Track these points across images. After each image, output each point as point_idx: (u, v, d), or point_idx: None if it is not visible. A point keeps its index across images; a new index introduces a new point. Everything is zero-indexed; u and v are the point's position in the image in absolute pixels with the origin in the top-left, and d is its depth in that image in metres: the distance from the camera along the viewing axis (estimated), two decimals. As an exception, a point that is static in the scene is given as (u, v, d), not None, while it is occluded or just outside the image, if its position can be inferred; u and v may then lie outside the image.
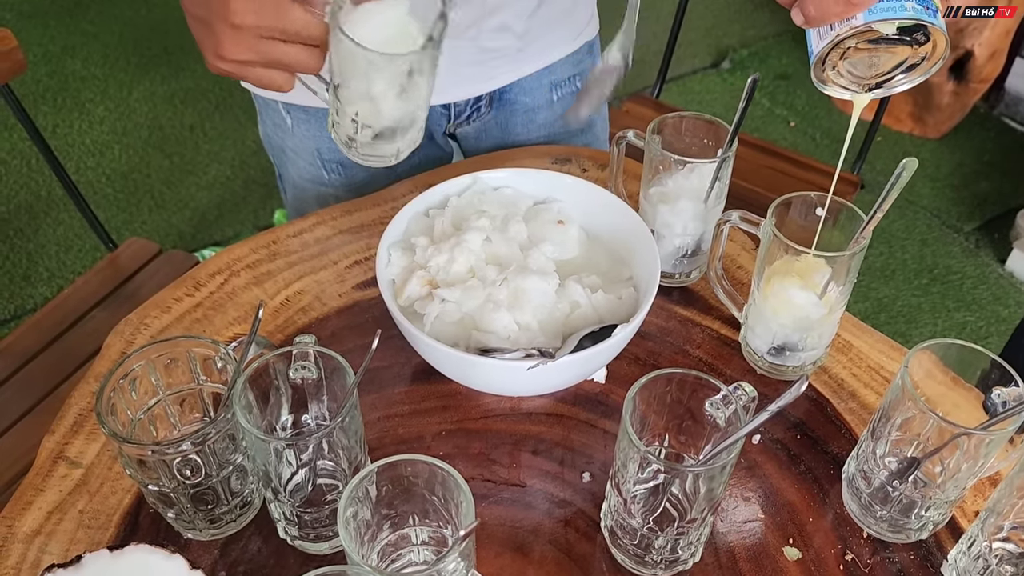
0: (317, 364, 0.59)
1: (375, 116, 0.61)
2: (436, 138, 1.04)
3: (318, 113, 0.95)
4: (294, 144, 0.99)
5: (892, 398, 0.59)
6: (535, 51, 0.97)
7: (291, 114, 0.97)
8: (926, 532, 0.62)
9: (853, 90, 0.59)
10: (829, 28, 0.54)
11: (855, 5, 0.52)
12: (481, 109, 1.00)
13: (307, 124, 0.97)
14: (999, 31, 2.30)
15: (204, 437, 0.56)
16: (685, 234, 0.79)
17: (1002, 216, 2.26)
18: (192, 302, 0.79)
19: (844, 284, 0.68)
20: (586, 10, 1.01)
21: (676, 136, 0.79)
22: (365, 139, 0.64)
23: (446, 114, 1.00)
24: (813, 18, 0.54)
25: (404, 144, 0.66)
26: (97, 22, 2.91)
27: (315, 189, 1.02)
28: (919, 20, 0.52)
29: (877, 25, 0.53)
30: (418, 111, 0.64)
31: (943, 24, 0.53)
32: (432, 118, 1.01)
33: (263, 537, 0.63)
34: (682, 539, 0.58)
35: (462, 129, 1.03)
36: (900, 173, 0.61)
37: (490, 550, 0.62)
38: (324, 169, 1.00)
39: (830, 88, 0.59)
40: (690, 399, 0.58)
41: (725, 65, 2.87)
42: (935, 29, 0.53)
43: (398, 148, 0.65)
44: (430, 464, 0.51)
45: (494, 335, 0.68)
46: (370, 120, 0.62)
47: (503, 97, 1.00)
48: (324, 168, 1.00)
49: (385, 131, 0.63)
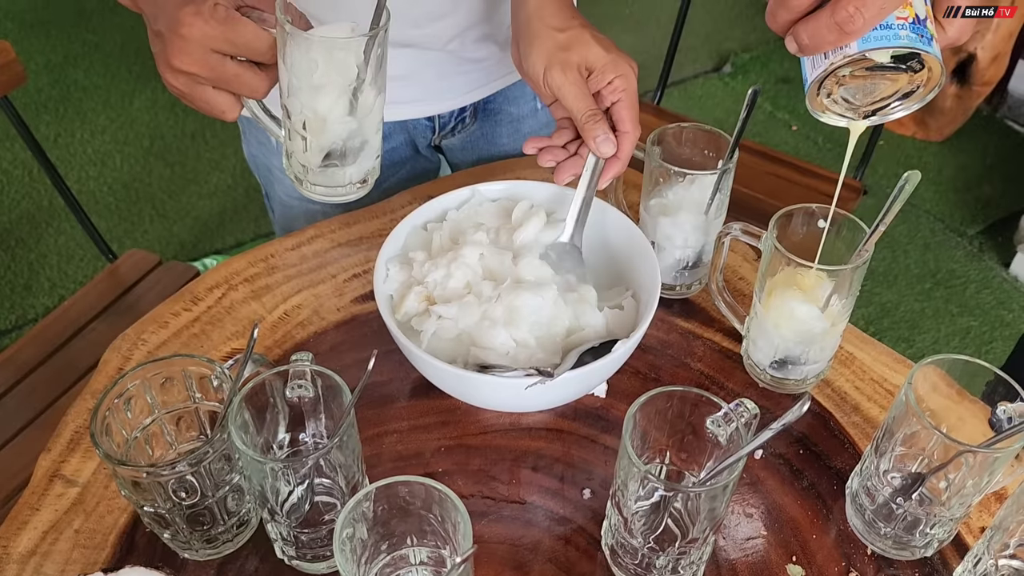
0: (314, 382, 0.59)
1: (321, 130, 0.61)
2: (422, 150, 1.03)
3: None
4: (280, 162, 0.99)
5: (896, 414, 0.58)
6: None
7: None
8: (931, 549, 0.62)
9: (849, 117, 0.58)
10: (823, 56, 0.54)
11: (849, 34, 0.51)
12: (466, 120, 1.00)
13: None
14: (1002, 34, 2.29)
15: (200, 458, 0.56)
16: (686, 246, 0.78)
17: (1006, 220, 2.25)
18: (190, 317, 0.79)
19: (847, 297, 0.67)
20: None
21: (676, 147, 0.79)
22: (315, 164, 0.64)
23: (431, 126, 1.00)
24: (807, 46, 0.53)
25: (355, 171, 0.65)
26: (99, 32, 2.92)
27: (302, 207, 1.02)
28: (914, 48, 0.52)
29: (871, 53, 0.52)
30: (368, 131, 0.63)
31: (939, 52, 0.52)
32: (417, 130, 1.00)
33: (260, 557, 0.62)
34: (684, 559, 0.57)
35: (447, 141, 1.03)
36: (903, 186, 0.60)
37: (490, 569, 0.61)
38: None
39: (826, 116, 0.59)
40: (691, 415, 0.57)
41: (727, 69, 2.86)
42: (930, 57, 0.52)
43: (350, 175, 0.65)
44: (427, 485, 0.50)
45: (493, 351, 0.67)
46: (317, 136, 0.62)
47: (487, 108, 0.99)
48: None
49: (334, 151, 0.63)
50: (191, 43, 0.57)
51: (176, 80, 0.59)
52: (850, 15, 0.49)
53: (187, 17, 0.56)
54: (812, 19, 0.51)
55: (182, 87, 0.60)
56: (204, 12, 0.56)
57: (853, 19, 0.49)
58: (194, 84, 0.59)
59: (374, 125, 0.64)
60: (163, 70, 0.59)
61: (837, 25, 0.50)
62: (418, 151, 1.03)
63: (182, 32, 0.56)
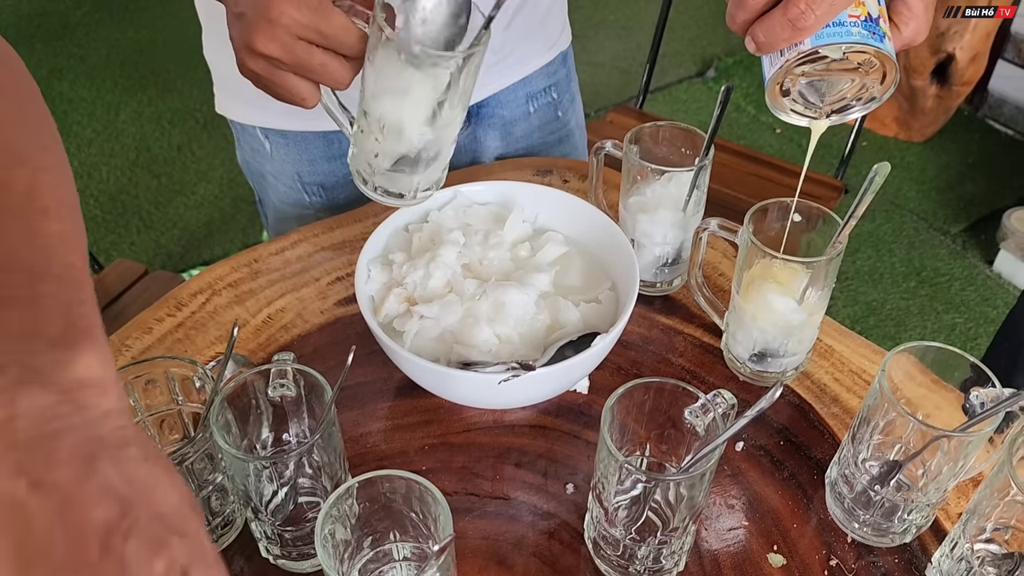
0: (296, 381, 0.59)
1: (398, 137, 0.60)
2: None
3: (296, 137, 0.95)
4: (273, 168, 1.00)
5: (871, 402, 0.59)
6: (510, 64, 0.97)
7: (269, 139, 0.97)
8: (910, 535, 0.62)
9: (810, 116, 0.60)
10: (779, 54, 0.56)
11: (801, 30, 0.53)
12: None
13: (286, 148, 0.97)
14: (980, 34, 2.32)
15: (182, 457, 0.56)
16: (665, 243, 0.79)
17: (988, 217, 2.28)
18: (173, 322, 0.79)
19: (823, 289, 0.68)
20: (558, 21, 1.02)
21: (654, 145, 0.80)
22: (383, 167, 0.63)
23: None
24: (763, 44, 0.55)
25: (423, 179, 0.64)
26: (84, 45, 2.92)
27: (296, 212, 1.02)
28: (865, 44, 0.53)
29: (824, 49, 0.54)
30: (443, 143, 0.63)
31: (891, 49, 0.54)
32: None
33: (245, 557, 0.62)
34: (665, 548, 0.58)
35: None
36: (873, 177, 0.61)
37: (474, 564, 0.62)
38: (305, 192, 1.00)
39: (788, 116, 0.60)
40: (670, 407, 0.58)
41: (710, 74, 2.89)
42: (882, 54, 0.54)
43: (416, 183, 0.64)
44: (407, 479, 0.51)
45: (475, 348, 0.68)
46: (392, 141, 0.61)
47: (480, 112, 1.00)
48: (305, 191, 1.00)
49: (406, 158, 0.62)
50: (279, 28, 0.56)
51: (255, 64, 0.59)
52: (801, 11, 0.51)
53: (278, 2, 0.55)
54: (767, 17, 0.54)
55: (261, 71, 0.59)
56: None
57: (805, 15, 0.52)
58: (274, 69, 0.59)
59: (450, 137, 0.63)
60: (241, 53, 0.59)
61: (790, 22, 0.52)
62: None
63: (271, 16, 0.56)
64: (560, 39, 1.03)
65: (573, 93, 1.10)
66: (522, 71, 0.99)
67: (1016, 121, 2.55)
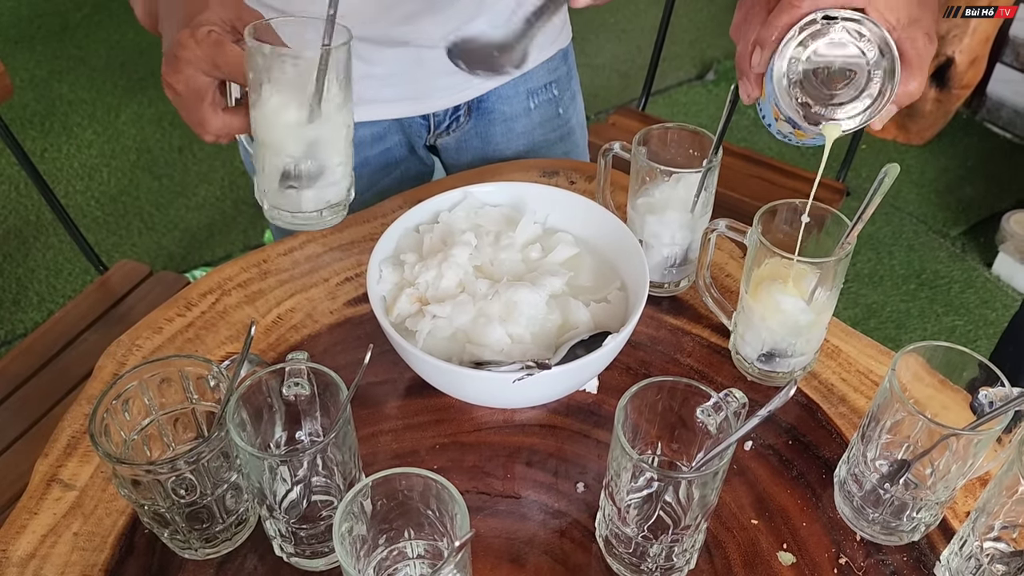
0: (310, 380, 0.59)
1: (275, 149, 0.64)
2: (418, 151, 1.05)
3: None
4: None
5: (880, 401, 0.60)
6: None
7: None
8: (918, 534, 0.63)
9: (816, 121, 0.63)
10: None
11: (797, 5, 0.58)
12: (460, 119, 1.02)
13: None
14: (979, 37, 2.33)
15: (198, 456, 0.56)
16: (673, 244, 0.80)
17: (987, 220, 2.28)
18: (184, 322, 0.80)
19: (832, 289, 0.69)
20: (559, 17, 1.02)
21: (662, 147, 0.80)
22: (272, 185, 0.65)
23: (426, 124, 1.02)
24: (764, 37, 0.59)
25: (313, 196, 0.66)
26: (84, 46, 2.92)
27: None
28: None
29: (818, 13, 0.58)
30: (325, 157, 0.64)
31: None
32: (413, 129, 1.02)
33: (259, 555, 0.63)
34: (677, 546, 0.58)
35: (442, 140, 1.05)
36: (882, 179, 0.61)
37: (486, 562, 0.62)
38: None
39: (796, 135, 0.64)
40: (681, 407, 0.59)
41: (710, 77, 2.90)
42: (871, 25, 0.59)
43: (308, 199, 0.66)
44: (424, 477, 0.51)
45: (488, 348, 0.68)
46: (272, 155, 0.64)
47: (481, 107, 1.01)
48: None
49: (288, 173, 0.65)
50: (180, 62, 0.62)
51: (169, 93, 0.65)
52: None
53: (184, 39, 0.62)
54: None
55: (172, 100, 0.65)
56: (198, 35, 0.61)
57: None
58: (180, 98, 0.64)
59: (332, 152, 0.65)
60: (164, 86, 0.65)
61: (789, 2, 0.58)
62: (414, 151, 1.04)
63: (177, 52, 0.62)
64: (560, 36, 1.04)
65: (574, 91, 1.10)
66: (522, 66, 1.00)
67: (1014, 124, 2.56)
